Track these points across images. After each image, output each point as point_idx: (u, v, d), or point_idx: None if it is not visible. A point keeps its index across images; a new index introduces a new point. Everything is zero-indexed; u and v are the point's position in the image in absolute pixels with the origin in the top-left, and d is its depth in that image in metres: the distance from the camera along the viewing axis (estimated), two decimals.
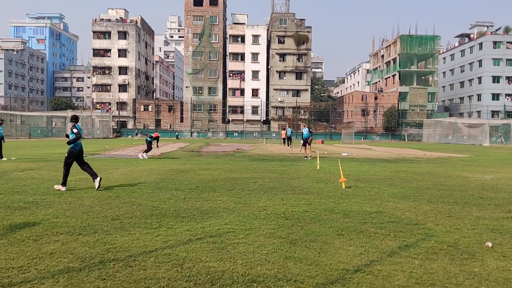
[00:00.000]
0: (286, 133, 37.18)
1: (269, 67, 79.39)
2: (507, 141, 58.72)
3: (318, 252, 4.90)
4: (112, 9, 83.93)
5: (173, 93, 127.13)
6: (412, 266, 4.44)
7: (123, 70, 79.96)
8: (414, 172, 14.57)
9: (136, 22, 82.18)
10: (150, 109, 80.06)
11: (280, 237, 5.53)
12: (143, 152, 20.26)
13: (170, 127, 78.55)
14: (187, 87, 79.65)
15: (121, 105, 79.26)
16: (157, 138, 21.46)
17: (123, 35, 79.89)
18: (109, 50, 79.83)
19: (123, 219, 6.50)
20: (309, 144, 21.35)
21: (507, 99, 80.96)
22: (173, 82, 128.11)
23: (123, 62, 79.81)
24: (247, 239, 5.38)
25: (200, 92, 79.00)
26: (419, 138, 73.06)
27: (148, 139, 20.95)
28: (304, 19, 78.79)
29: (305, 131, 21.43)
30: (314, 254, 4.80)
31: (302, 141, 21.84)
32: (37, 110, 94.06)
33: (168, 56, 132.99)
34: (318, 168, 15.35)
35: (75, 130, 9.57)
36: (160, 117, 79.87)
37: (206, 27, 78.03)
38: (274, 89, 78.70)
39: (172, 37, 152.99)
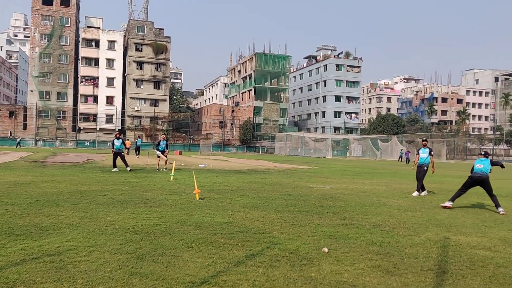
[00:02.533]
0: (136, 143, 38.23)
1: (125, 74, 76.79)
2: (364, 155, 65.41)
3: (165, 266, 4.80)
4: None
5: (16, 97, 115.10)
6: (256, 275, 4.61)
7: None
8: (265, 183, 15.31)
9: None
10: None
11: (127, 252, 5.30)
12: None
13: (11, 135, 70.76)
14: (32, 91, 72.80)
15: None
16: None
17: None
18: None
19: None
20: (165, 156, 21.05)
21: (347, 116, 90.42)
22: (16, 85, 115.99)
23: None
24: (90, 257, 5.04)
25: (48, 97, 72.87)
26: (272, 151, 77.33)
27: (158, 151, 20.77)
28: (163, 29, 78.32)
29: (162, 143, 20.99)
30: (162, 269, 4.70)
31: (158, 152, 21.33)
32: None
33: (11, 57, 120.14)
34: (172, 179, 15.20)
35: None
36: None
37: (56, 28, 72.54)
38: (130, 98, 76.30)
39: (16, 36, 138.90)
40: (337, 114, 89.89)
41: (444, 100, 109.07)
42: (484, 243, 6.62)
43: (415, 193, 13.09)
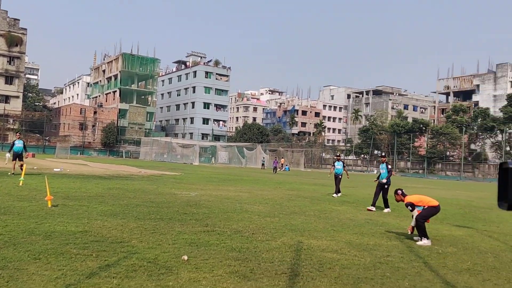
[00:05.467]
0: None
1: None
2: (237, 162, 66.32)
3: (6, 280, 4.33)
4: None
5: None
6: (110, 286, 4.38)
7: None
8: (127, 189, 14.74)
9: None
10: None
11: None
12: None
13: None
14: None
15: None
16: None
17: None
18: None
19: None
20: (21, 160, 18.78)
21: (215, 124, 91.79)
22: None
23: None
24: None
25: None
26: (137, 156, 74.87)
27: None
28: (18, 19, 71.26)
29: (18, 143, 18.74)
30: (2, 284, 4.23)
31: (8, 155, 18.94)
32: None
33: None
34: (21, 184, 13.79)
35: None
36: None
37: None
38: None
39: None
40: (206, 121, 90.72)
41: (304, 112, 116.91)
42: (332, 246, 7.21)
43: (386, 210, 12.73)
